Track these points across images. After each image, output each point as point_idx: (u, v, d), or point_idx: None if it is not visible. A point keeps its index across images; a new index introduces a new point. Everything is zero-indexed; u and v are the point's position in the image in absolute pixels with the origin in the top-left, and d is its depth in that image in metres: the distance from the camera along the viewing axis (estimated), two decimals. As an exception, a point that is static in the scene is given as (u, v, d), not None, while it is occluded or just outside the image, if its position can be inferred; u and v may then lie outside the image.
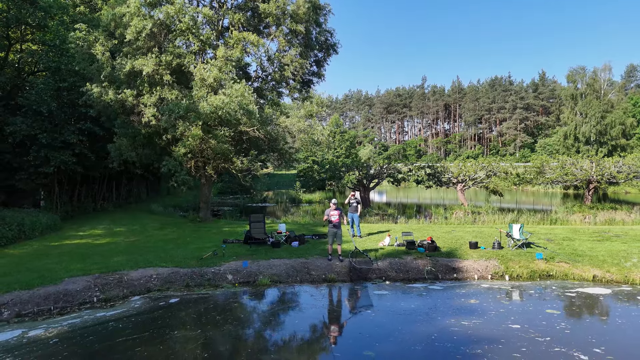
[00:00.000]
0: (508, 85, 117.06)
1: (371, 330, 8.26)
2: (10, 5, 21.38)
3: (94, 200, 27.27)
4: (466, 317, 8.58)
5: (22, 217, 16.93)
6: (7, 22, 21.88)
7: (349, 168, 28.23)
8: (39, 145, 20.47)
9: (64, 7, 24.27)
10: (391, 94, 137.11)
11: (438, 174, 29.04)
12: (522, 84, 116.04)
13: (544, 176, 29.39)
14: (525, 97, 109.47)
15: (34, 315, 9.12)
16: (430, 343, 7.35)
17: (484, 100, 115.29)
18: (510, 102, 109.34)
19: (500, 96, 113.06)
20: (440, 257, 13.10)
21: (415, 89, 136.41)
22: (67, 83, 21.10)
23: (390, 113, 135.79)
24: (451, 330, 7.92)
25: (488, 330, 7.93)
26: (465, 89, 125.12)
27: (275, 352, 7.47)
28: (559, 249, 13.96)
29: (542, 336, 7.55)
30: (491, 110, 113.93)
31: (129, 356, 7.10)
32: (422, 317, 8.66)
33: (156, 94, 18.22)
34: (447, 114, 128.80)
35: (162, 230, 19.08)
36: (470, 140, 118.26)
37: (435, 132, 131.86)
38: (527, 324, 8.18)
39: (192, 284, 11.36)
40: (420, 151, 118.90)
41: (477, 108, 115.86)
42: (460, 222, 21.52)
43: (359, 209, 16.81)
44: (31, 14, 21.74)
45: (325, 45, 21.92)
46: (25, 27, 23.17)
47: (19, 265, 12.06)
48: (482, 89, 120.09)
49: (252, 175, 19.88)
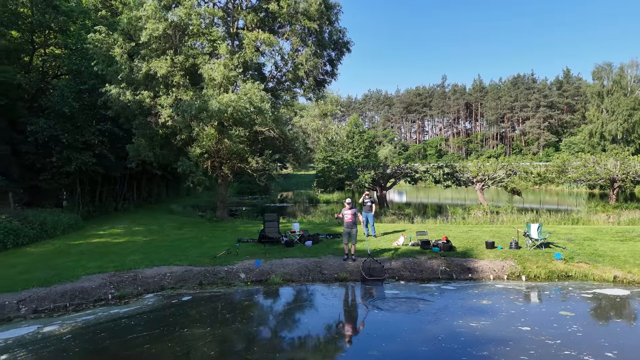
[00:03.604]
0: (531, 83, 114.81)
1: (378, 329, 8.20)
2: (34, 10, 22.01)
3: (115, 200, 27.83)
4: (476, 318, 8.43)
5: (44, 217, 17.39)
6: (31, 27, 22.54)
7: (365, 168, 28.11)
8: (61, 146, 21.02)
9: (86, 11, 24.87)
10: (411, 94, 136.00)
11: (456, 173, 28.66)
12: (546, 82, 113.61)
13: (566, 175, 28.69)
14: (549, 95, 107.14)
15: (50, 311, 9.36)
16: (436, 344, 7.25)
17: (506, 98, 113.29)
18: (533, 100, 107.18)
19: (523, 94, 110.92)
20: (455, 257, 12.93)
21: (436, 88, 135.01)
22: (87, 85, 21.60)
23: (410, 112, 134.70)
24: (459, 331, 7.80)
25: (497, 331, 7.78)
26: (487, 87, 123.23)
27: (281, 350, 7.49)
28: (579, 249, 13.60)
29: (552, 339, 7.36)
30: (513, 108, 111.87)
31: (138, 353, 7.22)
32: (430, 317, 8.54)
33: (172, 95, 18.51)
34: (468, 113, 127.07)
35: (180, 229, 19.35)
36: (492, 140, 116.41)
37: (457, 132, 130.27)
38: (538, 325, 7.98)
39: (205, 282, 11.48)
40: (441, 151, 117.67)
41: (499, 107, 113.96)
42: (479, 221, 21.21)
43: (374, 209, 16.74)
44: (54, 18, 22.33)
45: (338, 44, 21.90)
46: (48, 31, 23.82)
47: (39, 263, 12.41)
48: (504, 87, 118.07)
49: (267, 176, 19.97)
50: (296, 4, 19.67)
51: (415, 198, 49.24)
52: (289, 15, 19.73)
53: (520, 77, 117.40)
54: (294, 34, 20.40)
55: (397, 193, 57.16)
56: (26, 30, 22.97)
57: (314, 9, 19.53)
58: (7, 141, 20.34)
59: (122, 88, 18.63)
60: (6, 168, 19.91)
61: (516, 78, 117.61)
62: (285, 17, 19.85)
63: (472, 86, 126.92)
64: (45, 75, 25.30)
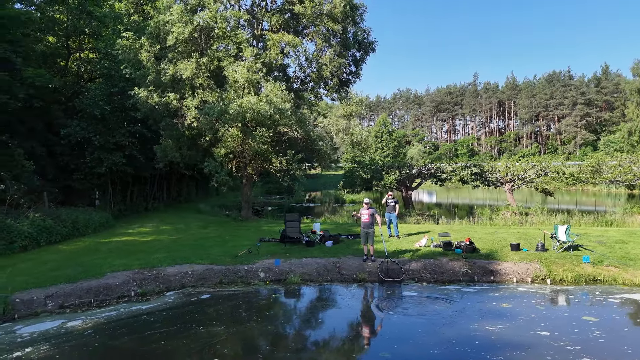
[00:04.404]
0: (567, 80, 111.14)
1: (391, 331, 8.13)
2: (69, 16, 22.90)
3: (146, 199, 28.59)
4: (493, 322, 8.24)
5: (76, 216, 18.04)
6: (67, 32, 23.45)
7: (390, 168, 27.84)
8: (93, 148, 21.77)
9: (118, 16, 25.65)
10: (441, 92, 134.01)
11: (485, 173, 28.03)
12: (583, 79, 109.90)
13: (600, 175, 27.60)
14: (587, 92, 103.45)
15: (75, 307, 9.71)
16: (449, 347, 7.12)
17: (540, 96, 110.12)
18: (569, 98, 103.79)
19: (559, 92, 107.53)
20: (477, 259, 12.67)
21: (467, 86, 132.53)
22: (117, 88, 22.29)
23: (440, 111, 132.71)
24: (474, 334, 7.63)
25: (514, 336, 7.57)
26: (521, 84, 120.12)
27: (291, 349, 7.53)
28: (610, 252, 13.09)
29: (571, 344, 7.10)
30: (549, 106, 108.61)
31: (154, 349, 7.40)
32: (446, 320, 8.40)
33: (198, 96, 18.87)
34: (501, 111, 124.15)
35: (205, 228, 19.71)
36: (526, 139, 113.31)
37: (489, 131, 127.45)
38: (558, 331, 7.73)
39: (225, 281, 11.66)
40: (473, 150, 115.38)
41: (533, 105, 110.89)
42: (506, 223, 20.71)
43: (397, 209, 16.57)
44: (88, 23, 23.16)
45: (362, 45, 21.81)
46: (83, 36, 24.73)
47: (68, 260, 12.89)
48: (539, 84, 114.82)
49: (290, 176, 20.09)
50: (320, 5, 19.71)
51: (445, 198, 48.44)
52: (313, 16, 19.80)
53: (556, 74, 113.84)
54: (317, 34, 20.45)
55: (427, 193, 56.39)
56: (62, 35, 23.93)
57: (339, 10, 19.54)
58: (43, 143, 21.21)
59: (149, 91, 19.12)
60: (42, 168, 20.76)
61: (551, 75, 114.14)
62: (310, 18, 19.93)
63: (505, 84, 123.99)
64: (80, 79, 26.26)
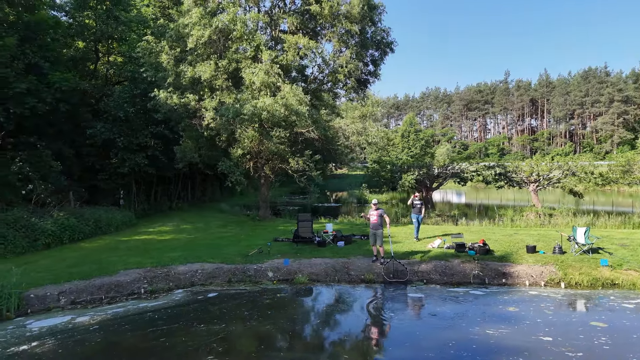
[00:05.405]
0: (604, 76, 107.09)
1: (389, 334, 8.07)
2: (97, 21, 23.68)
3: (170, 199, 29.19)
4: (495, 326, 8.04)
5: (99, 214, 18.64)
6: (95, 37, 24.24)
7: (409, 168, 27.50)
8: (118, 148, 22.43)
9: (143, 20, 26.33)
10: (471, 90, 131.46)
11: (509, 173, 27.34)
12: (621, 75, 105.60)
13: (631, 175, 26.47)
14: (624, 89, 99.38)
15: (86, 303, 10.04)
16: (444, 350, 7.00)
17: (575, 93, 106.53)
18: (606, 95, 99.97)
19: (595, 89, 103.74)
20: (491, 261, 12.40)
21: (498, 84, 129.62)
22: (139, 90, 22.88)
23: (470, 110, 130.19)
24: (472, 338, 7.48)
25: (514, 340, 7.38)
26: (554, 82, 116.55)
27: (284, 349, 7.58)
28: (632, 255, 12.55)
29: (573, 351, 6.86)
30: (584, 104, 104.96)
31: (153, 345, 7.58)
32: (446, 323, 8.26)
33: (216, 98, 19.16)
34: (533, 109, 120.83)
35: (223, 227, 20.02)
36: (559, 137, 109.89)
37: (521, 129, 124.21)
38: (562, 336, 7.48)
39: (233, 280, 11.82)
40: (504, 150, 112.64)
41: (567, 102, 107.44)
42: (528, 224, 20.15)
43: (423, 211, 16.25)
44: (115, 28, 23.89)
45: (381, 45, 21.63)
46: (111, 40, 25.51)
47: (87, 258, 13.32)
48: (574, 81, 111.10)
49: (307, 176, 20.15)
50: (338, 5, 19.67)
51: (474, 199, 47.48)
52: (331, 17, 19.77)
53: (592, 71, 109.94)
54: (335, 35, 20.42)
55: (456, 194, 55.39)
56: (91, 40, 24.75)
57: (356, 11, 19.44)
58: (70, 144, 22.01)
59: (169, 92, 19.54)
60: (69, 169, 21.52)
61: (587, 71, 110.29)
62: (327, 19, 19.90)
63: (538, 81, 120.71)
64: (108, 82, 27.10)
